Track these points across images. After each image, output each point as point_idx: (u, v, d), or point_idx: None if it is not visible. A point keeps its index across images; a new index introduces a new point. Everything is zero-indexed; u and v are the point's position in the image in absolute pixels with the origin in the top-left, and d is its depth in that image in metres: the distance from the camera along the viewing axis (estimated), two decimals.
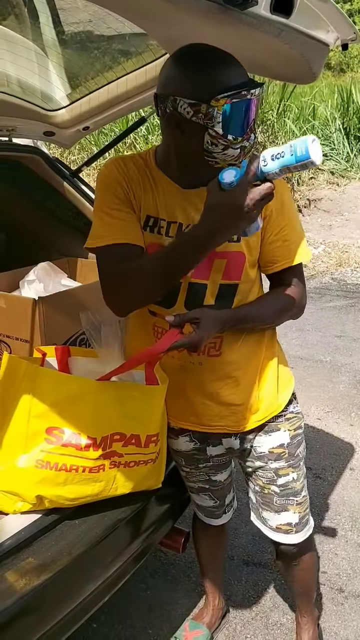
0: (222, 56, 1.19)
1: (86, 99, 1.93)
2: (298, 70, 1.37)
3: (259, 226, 1.20)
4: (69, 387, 1.36)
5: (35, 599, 1.28)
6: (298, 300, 1.40)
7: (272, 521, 1.60)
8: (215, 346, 1.41)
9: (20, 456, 1.35)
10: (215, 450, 1.57)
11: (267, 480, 1.55)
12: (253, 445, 1.53)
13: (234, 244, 1.33)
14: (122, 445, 1.41)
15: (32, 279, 2.18)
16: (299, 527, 1.60)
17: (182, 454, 1.62)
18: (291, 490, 1.56)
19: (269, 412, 1.50)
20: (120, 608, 2.04)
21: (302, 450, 1.58)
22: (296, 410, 1.56)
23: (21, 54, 1.86)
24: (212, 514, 1.76)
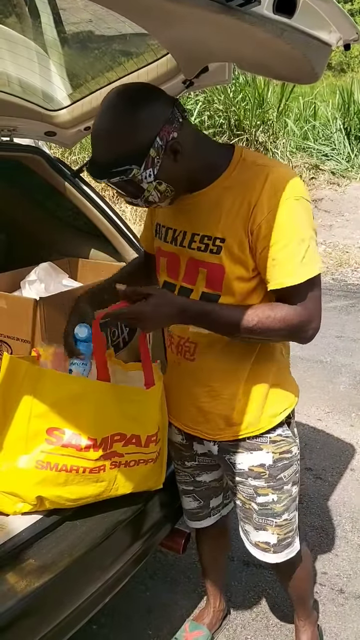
0: (94, 144, 1.21)
1: (87, 99, 1.92)
2: (300, 70, 1.36)
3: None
4: (69, 387, 1.36)
5: (36, 601, 1.28)
6: (292, 322, 1.25)
7: (252, 536, 1.59)
8: (190, 350, 1.40)
9: (20, 457, 1.35)
10: (200, 448, 1.57)
11: (247, 496, 1.52)
12: (232, 461, 1.49)
13: (213, 255, 1.29)
14: (123, 445, 1.41)
15: (33, 279, 2.18)
16: (278, 548, 1.57)
17: (172, 445, 1.63)
18: (270, 510, 1.51)
19: (249, 430, 1.44)
20: (120, 609, 2.03)
21: (290, 474, 1.50)
22: (286, 434, 1.47)
23: (22, 53, 1.86)
24: (195, 516, 1.73)
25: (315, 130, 9.20)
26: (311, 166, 8.52)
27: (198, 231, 1.32)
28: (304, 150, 8.90)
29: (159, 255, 1.45)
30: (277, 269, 1.24)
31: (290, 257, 1.23)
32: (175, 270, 1.39)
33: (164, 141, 1.19)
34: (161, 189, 1.24)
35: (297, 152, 8.83)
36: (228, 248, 1.27)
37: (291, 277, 1.23)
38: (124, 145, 1.17)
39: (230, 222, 1.26)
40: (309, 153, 8.84)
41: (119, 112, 1.17)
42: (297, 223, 1.24)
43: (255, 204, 1.23)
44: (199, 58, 1.54)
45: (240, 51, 1.41)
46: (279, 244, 1.23)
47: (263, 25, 1.06)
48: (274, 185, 1.23)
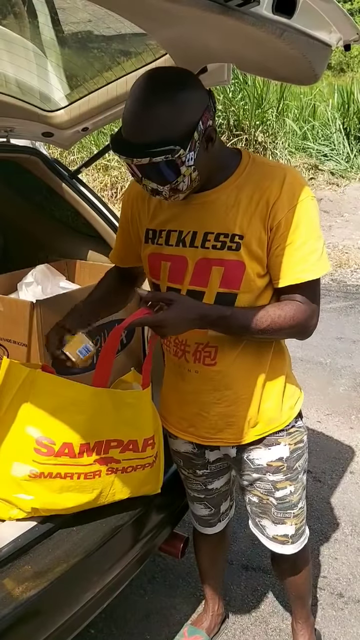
0: (135, 117, 1.17)
1: (85, 99, 1.91)
2: (300, 71, 1.35)
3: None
4: (66, 392, 1.35)
5: (33, 607, 1.27)
6: (300, 319, 1.31)
7: (270, 530, 1.59)
8: (210, 355, 1.38)
9: (14, 464, 1.34)
10: (213, 455, 1.56)
11: (266, 492, 1.53)
12: (251, 458, 1.50)
13: (232, 252, 1.30)
14: (120, 452, 1.40)
15: (30, 282, 2.16)
16: (295, 538, 1.59)
17: (181, 455, 1.61)
18: (289, 503, 1.54)
19: (270, 427, 1.46)
20: (118, 613, 2.02)
21: (303, 462, 1.55)
22: (299, 424, 1.52)
23: (20, 53, 1.84)
24: (207, 522, 1.74)
25: (315, 130, 9.20)
26: (310, 166, 8.52)
27: (212, 229, 1.31)
28: (303, 151, 8.89)
29: (157, 261, 1.41)
30: (296, 264, 1.28)
31: (309, 253, 1.28)
32: (181, 274, 1.36)
33: (204, 126, 1.18)
34: (193, 177, 1.22)
35: (296, 152, 8.82)
36: (247, 245, 1.29)
37: (310, 272, 1.29)
38: (171, 124, 1.14)
39: (248, 219, 1.28)
40: (308, 153, 8.84)
41: (166, 91, 1.15)
42: (314, 221, 1.30)
43: (275, 202, 1.26)
44: (197, 58, 1.53)
45: (239, 52, 1.39)
46: (299, 240, 1.27)
47: (262, 25, 1.04)
48: (293, 185, 1.28)
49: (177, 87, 1.16)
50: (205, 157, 1.23)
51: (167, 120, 1.14)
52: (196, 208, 1.33)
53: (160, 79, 1.18)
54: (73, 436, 1.34)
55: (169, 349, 1.46)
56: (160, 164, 1.16)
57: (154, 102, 1.14)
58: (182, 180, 1.21)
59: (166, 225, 1.39)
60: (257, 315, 1.29)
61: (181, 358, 1.42)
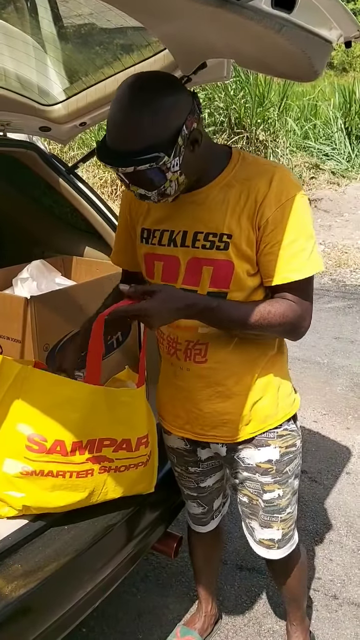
0: (119, 125, 1.16)
1: (83, 94, 1.89)
2: (300, 67, 1.33)
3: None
4: (59, 390, 1.33)
5: (23, 606, 1.26)
6: (291, 318, 1.29)
7: (257, 533, 1.58)
8: (201, 352, 1.38)
9: (5, 461, 1.32)
10: (204, 453, 1.55)
11: (255, 492, 1.52)
12: (241, 457, 1.49)
13: (220, 252, 1.28)
14: (113, 451, 1.38)
15: (25, 277, 2.15)
16: (282, 543, 1.57)
17: (174, 452, 1.61)
18: (276, 507, 1.52)
19: (263, 426, 1.45)
20: (110, 612, 2.01)
21: (294, 467, 1.52)
22: (291, 427, 1.49)
23: (18, 47, 1.82)
24: (200, 520, 1.73)
25: (316, 129, 9.19)
26: (311, 165, 8.50)
27: (201, 229, 1.30)
28: (304, 150, 8.88)
29: (150, 261, 1.40)
30: (284, 263, 1.27)
31: (298, 252, 1.26)
32: (174, 273, 1.36)
33: (188, 130, 1.17)
34: (180, 181, 1.22)
35: (297, 151, 8.81)
36: (235, 244, 1.27)
37: (298, 272, 1.27)
38: (154, 131, 1.13)
39: (237, 218, 1.27)
40: (309, 152, 8.82)
41: (148, 97, 1.13)
42: (304, 220, 1.28)
43: (263, 200, 1.25)
44: (196, 54, 1.51)
45: (238, 47, 1.38)
46: (288, 239, 1.25)
47: (261, 20, 1.03)
48: (282, 182, 1.26)
49: (159, 94, 1.14)
50: (192, 159, 1.21)
51: (150, 128, 1.13)
52: (186, 207, 1.32)
53: (142, 86, 1.16)
54: (65, 434, 1.32)
55: (163, 347, 1.45)
56: (146, 172, 1.16)
57: (136, 110, 1.13)
58: (169, 186, 1.21)
59: (159, 225, 1.38)
60: (245, 309, 1.28)
61: (173, 356, 1.42)
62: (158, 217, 1.38)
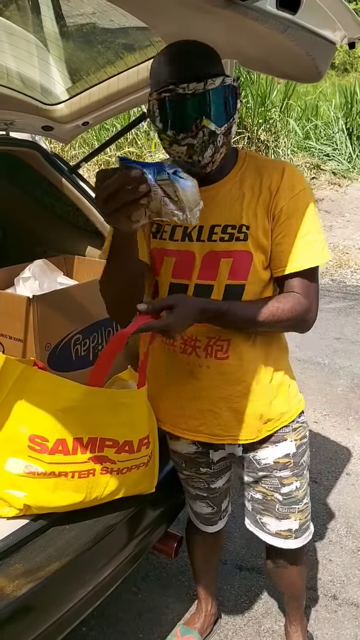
0: (178, 51, 1.21)
1: (86, 93, 1.89)
2: (303, 68, 1.34)
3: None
4: (60, 390, 1.33)
5: (24, 605, 1.26)
6: (299, 311, 1.32)
7: (272, 526, 1.58)
8: (222, 348, 1.37)
9: (8, 460, 1.32)
10: (217, 455, 1.55)
11: (272, 488, 1.53)
12: (257, 458, 1.50)
13: (240, 242, 1.31)
14: (115, 452, 1.38)
15: (27, 276, 2.15)
16: (299, 533, 1.58)
17: (182, 457, 1.59)
18: (294, 498, 1.54)
19: (281, 422, 1.47)
20: (110, 612, 2.01)
21: (307, 458, 1.56)
22: (302, 420, 1.53)
23: (21, 46, 1.82)
24: (209, 521, 1.73)
25: (318, 129, 9.17)
26: (312, 166, 8.49)
27: (218, 222, 1.33)
28: (305, 150, 8.86)
29: (160, 256, 1.40)
30: (297, 252, 1.30)
31: (312, 242, 1.31)
32: (188, 269, 1.35)
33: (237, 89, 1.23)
34: (228, 139, 1.24)
35: (298, 151, 8.80)
36: (253, 235, 1.31)
37: (310, 260, 1.31)
38: (217, 60, 1.22)
39: (253, 209, 1.31)
40: (311, 153, 8.81)
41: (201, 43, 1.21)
42: (314, 211, 1.33)
43: (277, 190, 1.30)
44: None
45: (243, 48, 1.38)
46: (302, 230, 1.30)
47: (266, 20, 1.03)
48: (292, 175, 1.32)
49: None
50: (233, 131, 1.26)
51: (213, 56, 1.21)
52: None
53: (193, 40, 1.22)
54: (66, 433, 1.32)
55: (174, 348, 1.42)
56: (220, 93, 1.18)
57: (199, 45, 1.20)
58: (235, 121, 1.24)
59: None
60: (255, 308, 1.31)
61: (191, 354, 1.40)
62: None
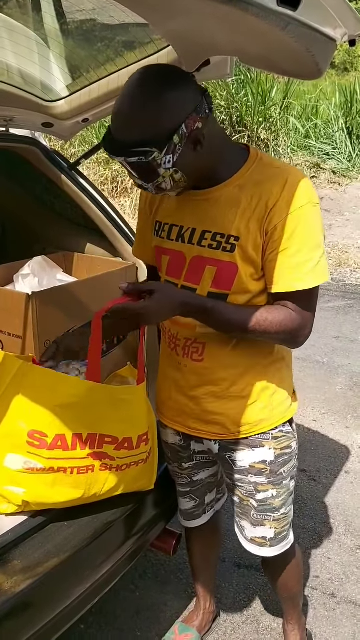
0: (115, 117, 1.19)
1: (86, 90, 1.88)
2: (304, 65, 1.33)
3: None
4: (59, 386, 1.33)
5: (22, 602, 1.26)
6: (289, 327, 1.27)
7: (248, 532, 1.58)
8: (198, 351, 1.38)
9: (7, 456, 1.32)
10: (198, 447, 1.55)
11: (246, 493, 1.51)
12: (233, 459, 1.48)
13: (226, 253, 1.28)
14: (115, 449, 1.38)
15: (26, 273, 2.14)
16: (274, 542, 1.56)
17: (169, 447, 1.61)
18: (269, 506, 1.51)
19: (257, 429, 1.43)
20: (108, 609, 2.01)
21: (289, 468, 1.51)
22: (286, 429, 1.48)
23: (22, 42, 1.82)
24: (191, 515, 1.72)
25: (318, 128, 9.17)
26: (312, 165, 8.49)
27: (210, 228, 1.30)
28: (305, 149, 8.87)
29: (159, 254, 1.42)
30: (288, 271, 1.25)
31: (303, 262, 1.24)
32: (178, 269, 1.36)
33: (188, 130, 1.16)
34: (176, 178, 1.21)
35: (298, 150, 8.80)
36: (242, 247, 1.26)
37: (301, 281, 1.25)
38: (149, 126, 1.14)
39: (246, 221, 1.26)
40: (311, 151, 8.81)
41: (150, 92, 1.14)
42: (313, 229, 1.25)
43: (274, 206, 1.23)
44: (200, 51, 1.50)
45: (243, 44, 1.37)
46: (294, 247, 1.23)
47: (266, 17, 1.02)
48: (294, 189, 1.23)
49: (163, 88, 1.14)
50: (194, 158, 1.21)
51: (145, 122, 1.14)
52: (198, 205, 1.32)
53: (147, 79, 1.17)
54: (65, 428, 1.32)
55: (165, 341, 1.47)
56: (135, 164, 1.17)
57: (136, 103, 1.14)
58: (162, 181, 1.21)
59: (168, 219, 1.39)
60: (242, 313, 1.27)
61: (173, 351, 1.43)
62: (169, 211, 1.40)
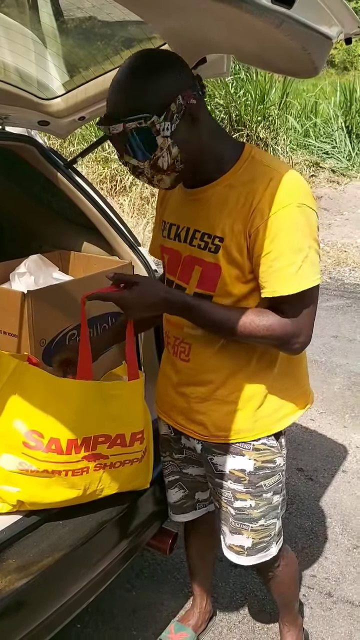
0: (114, 84, 1.17)
1: (82, 88, 1.88)
2: (299, 64, 1.33)
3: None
4: (52, 386, 1.33)
5: (17, 601, 1.26)
6: (277, 332, 1.23)
7: (227, 538, 1.56)
8: (185, 351, 1.38)
9: (2, 456, 1.32)
10: (188, 443, 1.54)
11: (225, 500, 1.49)
12: (214, 462, 1.47)
13: (211, 254, 1.26)
14: (108, 447, 1.38)
15: (22, 272, 2.14)
16: (252, 551, 1.52)
17: (162, 437, 1.62)
18: (247, 516, 1.48)
19: (237, 437, 1.40)
20: (104, 608, 2.01)
21: (271, 483, 1.46)
22: (270, 443, 1.42)
23: (18, 40, 1.82)
24: (180, 507, 1.68)
25: (317, 127, 9.17)
26: (311, 164, 8.49)
27: (199, 228, 1.29)
28: (304, 148, 8.86)
29: (162, 253, 1.45)
30: (271, 276, 1.21)
31: (284, 267, 1.19)
32: (174, 268, 1.36)
33: (185, 101, 1.15)
34: (173, 153, 1.17)
35: (297, 149, 8.79)
36: (226, 249, 1.24)
37: (284, 287, 1.20)
38: (149, 92, 1.13)
39: (231, 223, 1.23)
40: (310, 150, 8.81)
41: (148, 62, 1.16)
42: (295, 231, 1.19)
43: (256, 207, 1.19)
44: (196, 49, 1.50)
45: (238, 42, 1.37)
46: (275, 251, 1.19)
47: (261, 14, 1.02)
48: (277, 188, 1.19)
49: (162, 61, 1.16)
50: (191, 135, 1.19)
51: (144, 88, 1.13)
52: (192, 204, 1.32)
53: (149, 53, 1.19)
54: (61, 431, 1.32)
55: (163, 336, 1.49)
56: (136, 134, 1.14)
57: (131, 73, 1.15)
58: (160, 155, 1.17)
59: (169, 218, 1.40)
60: (227, 315, 1.24)
61: (166, 347, 1.47)
62: (170, 210, 1.41)
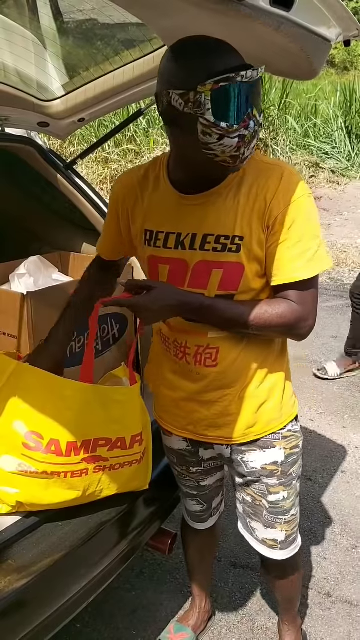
0: (212, 43, 1.14)
1: (82, 89, 1.89)
2: (298, 66, 1.33)
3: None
4: (53, 387, 1.33)
5: (17, 601, 1.26)
6: (290, 319, 1.27)
7: (260, 533, 1.57)
8: (211, 357, 1.36)
9: (1, 457, 1.32)
10: (207, 454, 1.54)
11: (259, 493, 1.51)
12: (245, 460, 1.48)
13: (232, 254, 1.27)
14: (108, 450, 1.39)
15: (22, 273, 2.14)
16: (285, 545, 1.56)
17: (175, 452, 1.59)
18: (280, 509, 1.51)
19: (268, 429, 1.44)
20: (104, 608, 2.01)
21: (297, 468, 1.52)
22: (295, 428, 1.49)
23: (18, 42, 1.82)
24: (199, 518, 1.73)
25: (316, 128, 9.17)
26: (311, 164, 8.49)
27: (212, 231, 1.28)
28: (304, 148, 8.86)
29: (154, 264, 1.37)
30: (288, 263, 1.25)
31: (303, 252, 1.25)
32: (181, 277, 1.33)
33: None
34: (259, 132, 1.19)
35: (297, 149, 8.79)
36: (247, 246, 1.26)
37: (302, 271, 1.26)
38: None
39: (248, 220, 1.25)
40: (310, 151, 8.81)
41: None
42: (310, 219, 1.27)
43: (272, 200, 1.24)
44: None
45: (237, 44, 1.37)
46: (294, 238, 1.24)
47: (260, 17, 1.03)
48: (289, 182, 1.25)
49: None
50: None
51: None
52: (194, 209, 1.30)
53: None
54: (60, 433, 1.32)
55: (170, 350, 1.43)
56: (260, 80, 1.15)
57: (213, 38, 1.14)
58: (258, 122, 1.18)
59: (163, 227, 1.34)
60: (241, 308, 1.27)
61: (182, 360, 1.40)
62: (161, 219, 1.35)
